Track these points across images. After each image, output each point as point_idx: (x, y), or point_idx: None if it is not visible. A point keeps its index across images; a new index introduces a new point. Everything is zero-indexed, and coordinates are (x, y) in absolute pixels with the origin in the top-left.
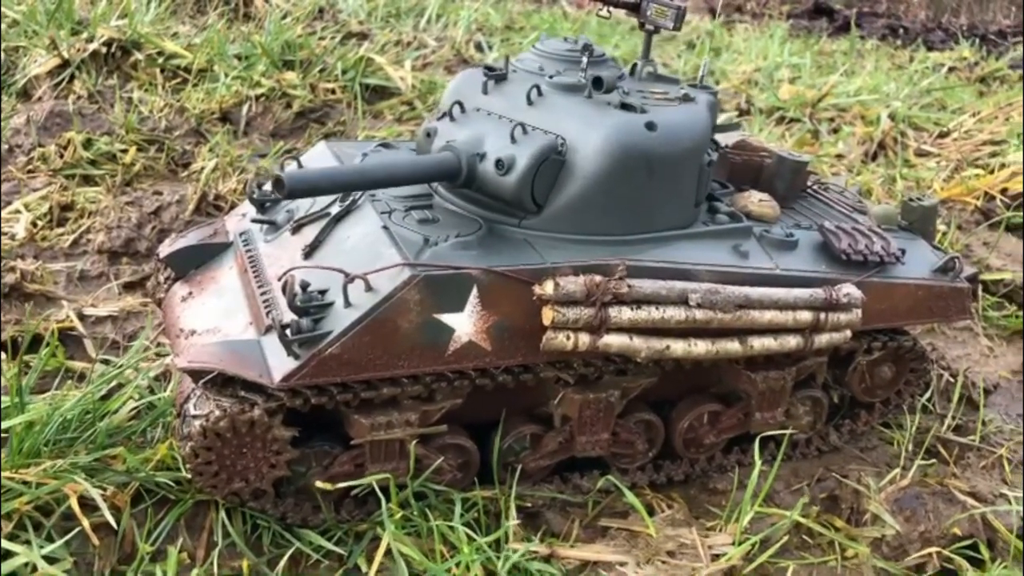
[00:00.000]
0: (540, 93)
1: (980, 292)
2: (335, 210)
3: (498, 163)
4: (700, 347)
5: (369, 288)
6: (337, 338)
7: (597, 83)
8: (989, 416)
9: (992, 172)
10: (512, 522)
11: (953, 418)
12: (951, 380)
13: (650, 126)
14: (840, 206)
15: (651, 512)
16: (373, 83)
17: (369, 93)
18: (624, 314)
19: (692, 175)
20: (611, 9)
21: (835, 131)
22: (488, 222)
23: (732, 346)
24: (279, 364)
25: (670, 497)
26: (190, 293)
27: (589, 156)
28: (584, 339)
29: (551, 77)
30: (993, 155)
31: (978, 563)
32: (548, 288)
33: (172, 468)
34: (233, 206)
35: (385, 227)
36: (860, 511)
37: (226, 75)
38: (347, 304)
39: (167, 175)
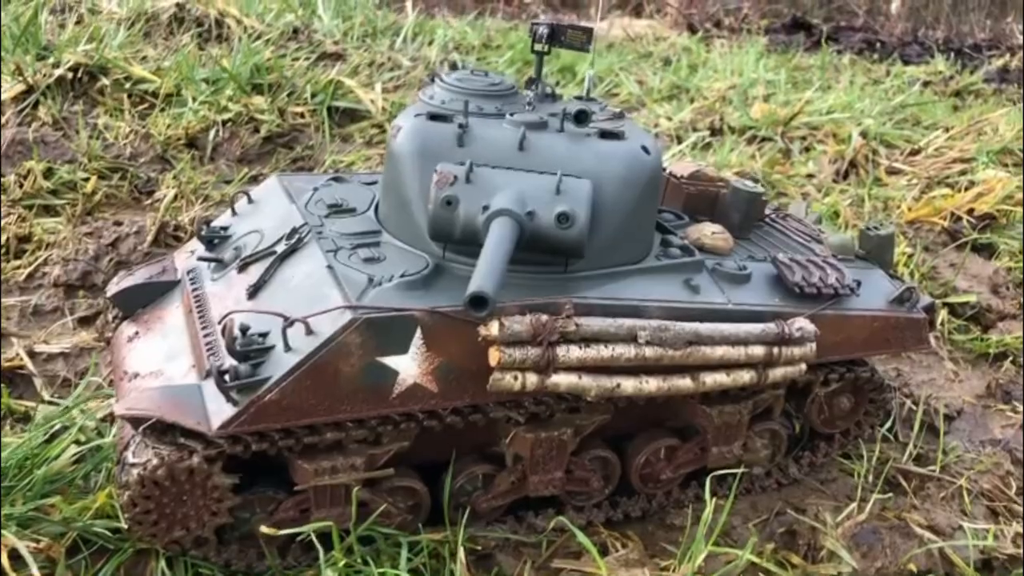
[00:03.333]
0: (524, 137)
1: (946, 315)
2: (281, 248)
3: (562, 217)
4: (651, 384)
5: (310, 331)
6: (276, 384)
7: (580, 117)
8: (952, 444)
9: (961, 191)
10: (459, 566)
11: (915, 447)
12: (913, 408)
13: (645, 150)
14: (796, 235)
15: (605, 551)
16: (343, 106)
17: (339, 116)
18: (572, 353)
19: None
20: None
21: (807, 150)
22: (531, 274)
23: (684, 383)
24: (218, 411)
25: (625, 535)
26: (136, 333)
27: (614, 191)
28: (532, 379)
29: (511, 115)
30: (963, 173)
31: None
32: (493, 329)
33: (111, 516)
34: (193, 236)
35: (329, 267)
36: (817, 547)
37: (194, 99)
38: (287, 348)
39: (130, 203)
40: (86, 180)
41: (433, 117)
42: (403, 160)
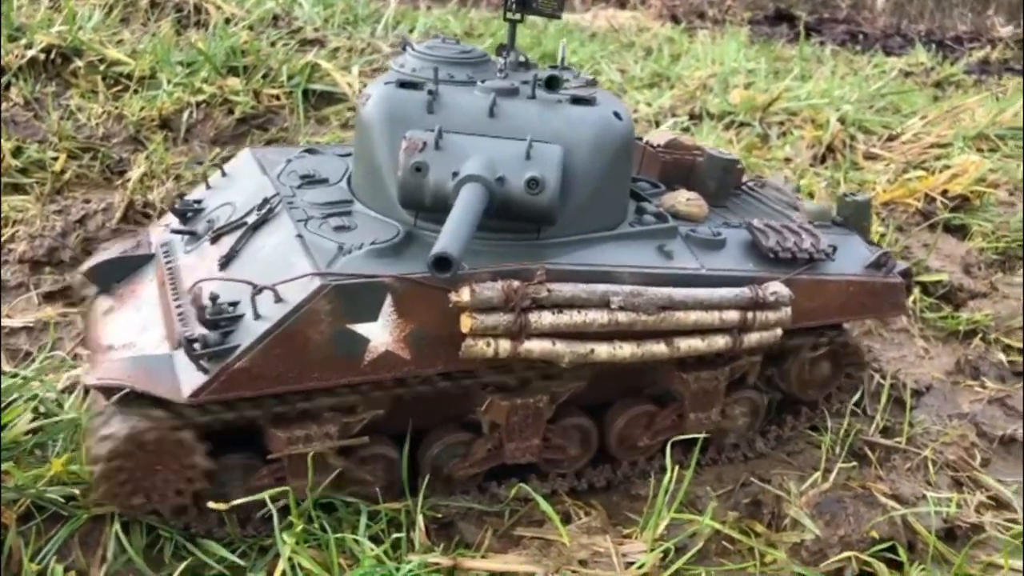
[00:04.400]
0: (495, 104)
1: (918, 293)
2: (252, 219)
3: (531, 182)
4: (625, 350)
5: (279, 299)
6: (245, 351)
7: (552, 83)
8: (919, 417)
9: (935, 174)
10: (418, 533)
11: (882, 420)
12: (882, 382)
13: (617, 115)
14: (773, 204)
15: (567, 520)
16: (320, 88)
17: (316, 99)
18: (545, 319)
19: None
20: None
21: (784, 135)
22: (502, 241)
23: (658, 348)
24: (188, 379)
25: (589, 504)
26: (111, 307)
27: (585, 156)
28: (505, 345)
29: (483, 82)
30: (938, 158)
31: (897, 565)
32: (464, 295)
33: (66, 483)
34: (162, 214)
35: (299, 235)
36: (781, 516)
37: (168, 81)
38: (256, 316)
39: (101, 183)
40: (55, 159)
41: (403, 84)
42: (372, 128)
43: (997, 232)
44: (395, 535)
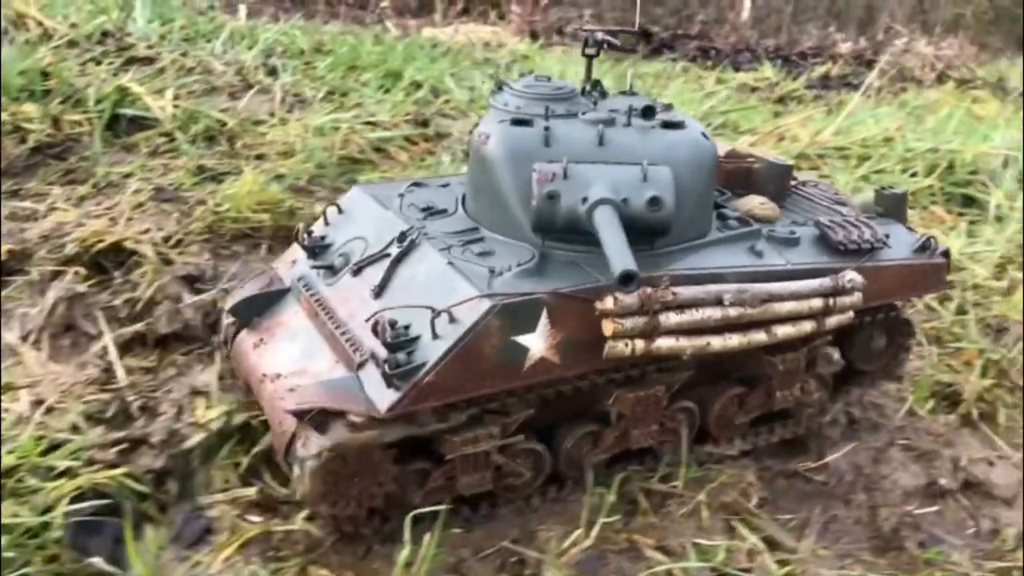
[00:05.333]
0: (602, 134)
1: None
2: (394, 251)
3: (653, 201)
4: (734, 340)
5: (453, 320)
6: (432, 367)
7: (648, 112)
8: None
9: None
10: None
11: (664, 465)
12: None
13: (704, 136)
14: (823, 200)
15: None
16: (131, 113)
17: (127, 124)
18: (671, 319)
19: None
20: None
21: None
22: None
23: (759, 336)
24: (381, 396)
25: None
26: (261, 340)
27: (685, 174)
28: (640, 344)
29: (583, 115)
30: None
31: None
32: (609, 303)
33: None
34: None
35: (450, 263)
36: None
37: None
38: (434, 337)
39: None
40: None
41: (516, 122)
42: (496, 163)
43: None
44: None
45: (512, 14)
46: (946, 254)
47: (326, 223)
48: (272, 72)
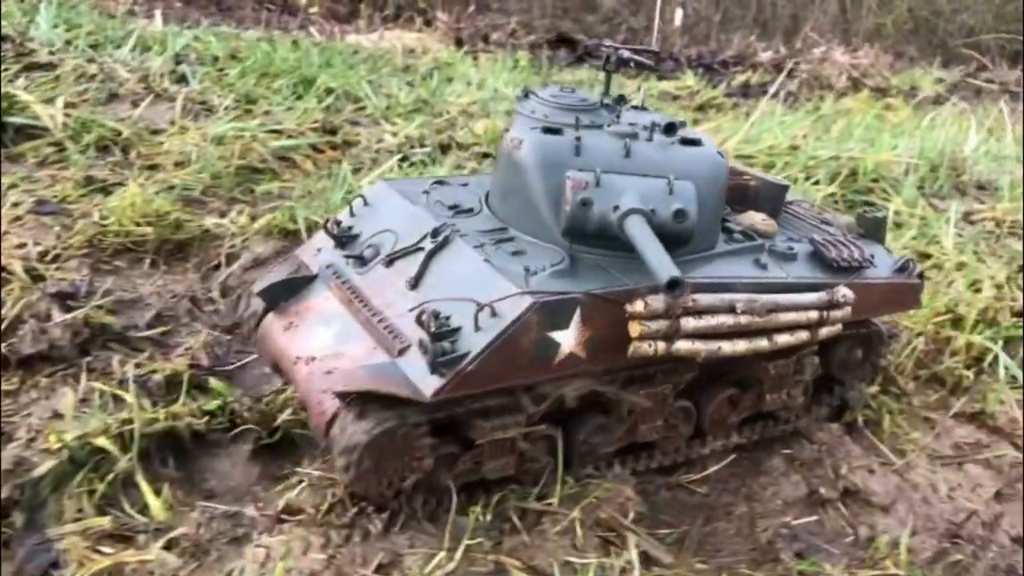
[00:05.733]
0: (628, 146)
1: None
2: (427, 245)
3: (679, 214)
4: (741, 346)
5: (494, 314)
6: (475, 357)
7: (670, 128)
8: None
9: None
10: None
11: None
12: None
13: (721, 154)
14: (810, 220)
15: None
16: (19, 122)
17: (13, 133)
18: (690, 324)
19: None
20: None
21: None
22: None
23: (763, 343)
24: (425, 381)
25: None
26: (291, 323)
27: (703, 189)
28: (661, 346)
29: (608, 127)
30: None
31: None
32: (639, 306)
33: None
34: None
35: (487, 260)
36: None
37: None
38: (476, 329)
39: None
40: None
41: (547, 130)
42: (528, 168)
43: None
44: None
45: (438, 21)
46: (921, 275)
47: (352, 214)
48: (181, 79)
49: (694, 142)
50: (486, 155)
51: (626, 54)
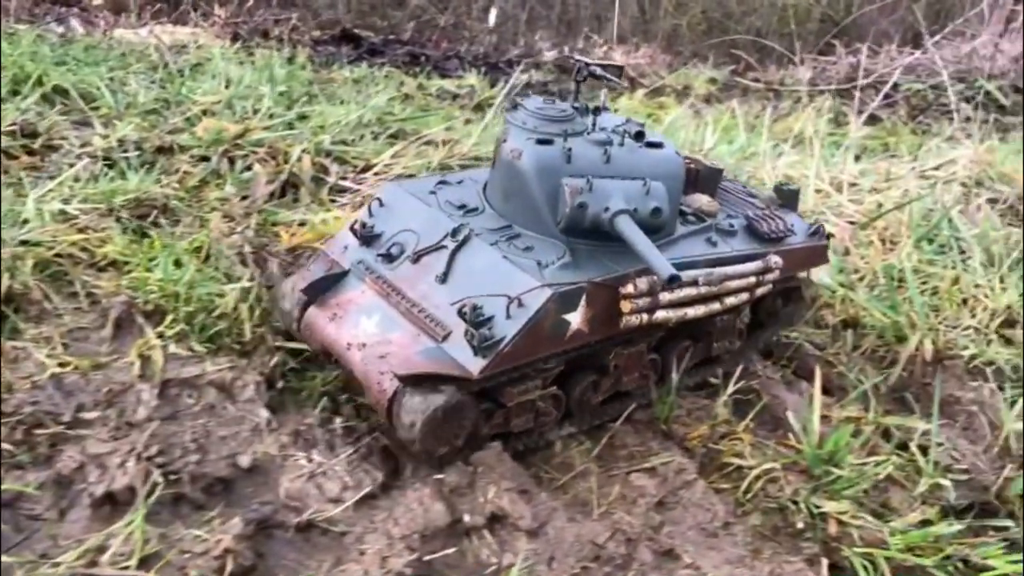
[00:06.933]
0: (607, 152)
1: (282, 359)
2: (449, 244)
3: (655, 211)
4: (701, 310)
5: (521, 304)
6: (510, 340)
7: (639, 136)
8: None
9: None
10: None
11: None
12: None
13: (678, 153)
14: (740, 196)
15: None
16: None
17: None
18: (666, 297)
19: None
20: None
21: (248, 168)
22: (629, 250)
23: (716, 306)
24: (471, 362)
25: None
26: (334, 314)
27: (670, 186)
28: (645, 317)
29: (588, 134)
30: None
31: None
32: (630, 288)
33: None
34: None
35: (505, 256)
36: None
37: None
38: (507, 316)
39: None
40: None
41: (540, 141)
42: (528, 175)
43: None
44: None
45: (214, 15)
46: (828, 236)
47: (370, 214)
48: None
49: (658, 145)
50: (204, 159)
51: (597, 70)
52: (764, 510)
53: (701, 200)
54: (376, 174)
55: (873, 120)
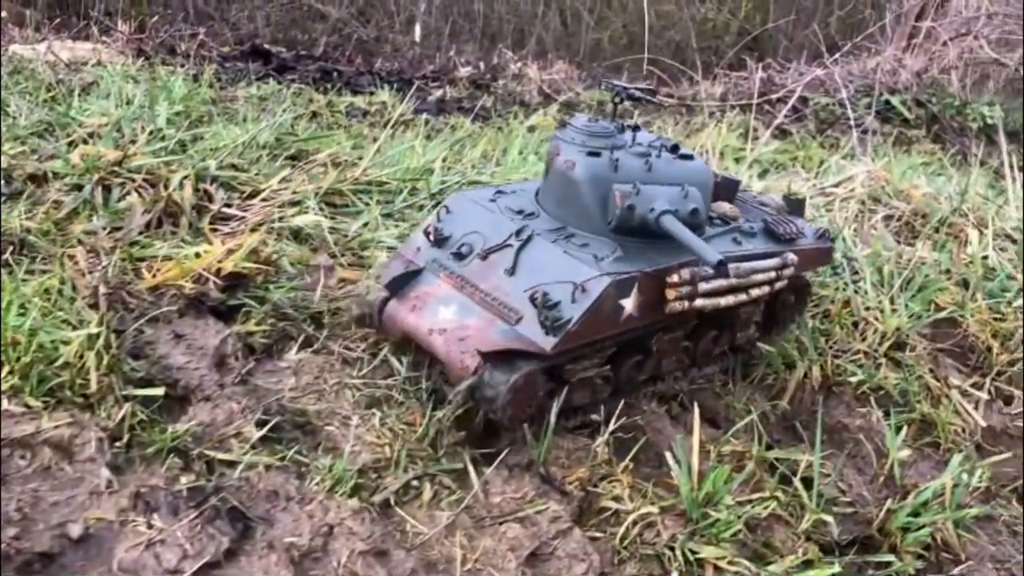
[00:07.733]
0: (648, 163)
1: (132, 408)
2: (514, 242)
3: (694, 212)
4: (730, 299)
5: (584, 291)
6: (576, 321)
7: (675, 148)
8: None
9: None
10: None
11: None
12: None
13: (706, 163)
14: (754, 204)
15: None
16: None
17: None
18: (704, 287)
19: None
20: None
21: (124, 197)
22: (671, 247)
23: (743, 297)
24: (544, 340)
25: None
26: (414, 306)
27: (702, 193)
28: (686, 304)
29: (629, 147)
30: (294, 215)
31: None
32: (676, 278)
33: None
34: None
35: (566, 252)
36: None
37: None
38: (572, 302)
39: None
40: None
41: (591, 154)
42: (580, 183)
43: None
44: None
45: (117, 31)
46: (832, 239)
47: (439, 220)
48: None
49: (689, 157)
50: (77, 187)
51: (636, 93)
52: (641, 557)
53: (724, 207)
54: (264, 200)
55: (784, 134)
